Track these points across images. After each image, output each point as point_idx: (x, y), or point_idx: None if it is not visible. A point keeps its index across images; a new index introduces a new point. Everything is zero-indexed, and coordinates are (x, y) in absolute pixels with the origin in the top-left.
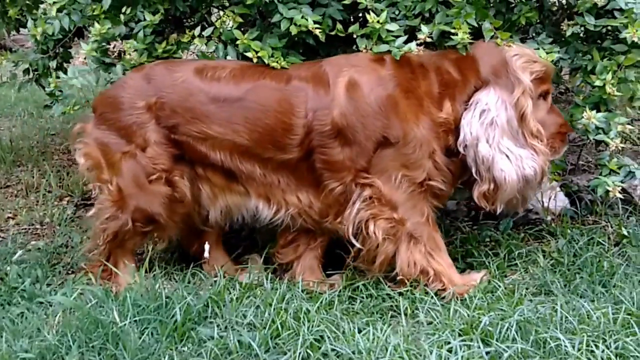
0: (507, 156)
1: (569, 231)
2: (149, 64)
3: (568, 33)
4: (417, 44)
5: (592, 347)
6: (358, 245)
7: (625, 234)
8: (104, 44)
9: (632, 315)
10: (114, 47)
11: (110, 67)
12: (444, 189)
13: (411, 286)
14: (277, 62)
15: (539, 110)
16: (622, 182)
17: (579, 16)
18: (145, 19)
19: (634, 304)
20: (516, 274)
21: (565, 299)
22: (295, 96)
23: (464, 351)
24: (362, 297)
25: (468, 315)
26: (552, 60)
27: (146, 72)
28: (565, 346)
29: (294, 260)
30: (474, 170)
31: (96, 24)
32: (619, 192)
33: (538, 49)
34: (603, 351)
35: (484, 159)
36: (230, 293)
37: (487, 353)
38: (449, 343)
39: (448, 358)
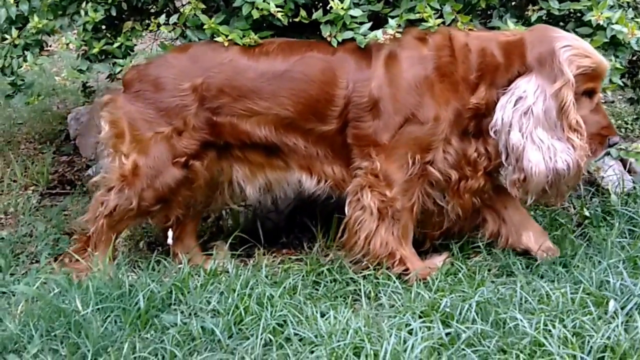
0: (538, 147)
1: (532, 212)
2: (193, 44)
3: (533, 18)
4: (383, 31)
5: (549, 326)
6: (348, 214)
7: (587, 214)
8: (39, 36)
9: (591, 295)
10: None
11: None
12: (446, 175)
13: (374, 270)
14: (248, 41)
15: (581, 107)
16: None
17: (543, 0)
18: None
19: (592, 284)
20: (479, 256)
21: (527, 280)
22: (340, 67)
23: (423, 332)
24: (327, 282)
25: (429, 298)
26: None
27: (191, 53)
28: (524, 326)
29: None
30: (503, 157)
31: (35, 17)
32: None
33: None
34: (560, 330)
35: (514, 148)
36: (195, 280)
37: (447, 334)
38: (410, 325)
39: (407, 340)
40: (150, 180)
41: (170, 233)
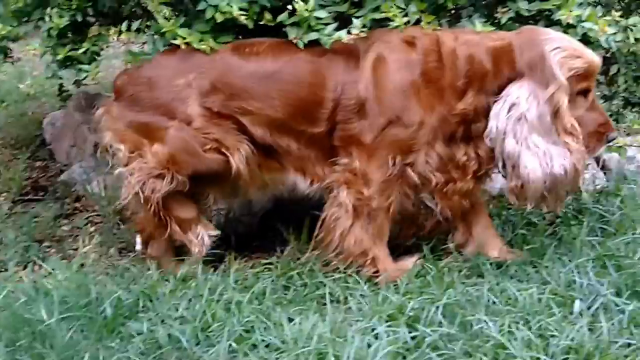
0: (534, 153)
1: (504, 212)
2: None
3: (503, 20)
4: (348, 32)
5: (514, 328)
6: (325, 210)
7: (560, 212)
8: (4, 42)
9: (557, 295)
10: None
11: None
12: (426, 178)
13: (344, 272)
14: (206, 45)
15: (577, 107)
16: None
17: (511, 1)
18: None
19: (560, 284)
20: (449, 257)
21: (496, 281)
22: (328, 69)
23: (389, 336)
24: (297, 286)
25: (397, 301)
26: None
27: (181, 53)
28: (488, 328)
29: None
30: (500, 165)
31: None
32: None
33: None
34: (524, 332)
35: (509, 155)
36: (164, 286)
37: (413, 338)
38: (375, 329)
39: (372, 344)
40: (190, 165)
41: (138, 239)
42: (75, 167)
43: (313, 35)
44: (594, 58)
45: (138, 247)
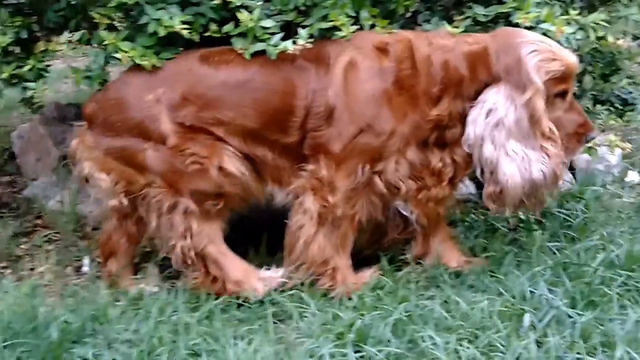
0: (512, 158)
1: (467, 218)
2: None
3: (461, 28)
4: (293, 42)
5: (460, 346)
6: (290, 217)
7: (522, 218)
8: None
9: (509, 308)
10: None
11: None
12: (395, 186)
13: (298, 289)
14: (148, 61)
15: (555, 109)
16: None
17: (468, 8)
18: None
19: (515, 294)
20: (408, 267)
21: (453, 292)
22: (299, 76)
23: (334, 357)
24: (250, 304)
25: (347, 318)
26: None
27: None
28: (435, 346)
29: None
30: (478, 172)
31: None
32: None
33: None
34: (470, 350)
35: (487, 161)
36: (114, 308)
37: (362, 357)
38: (321, 350)
39: None
40: (187, 183)
41: (86, 260)
42: (38, 182)
43: (259, 46)
44: (571, 59)
45: (86, 268)
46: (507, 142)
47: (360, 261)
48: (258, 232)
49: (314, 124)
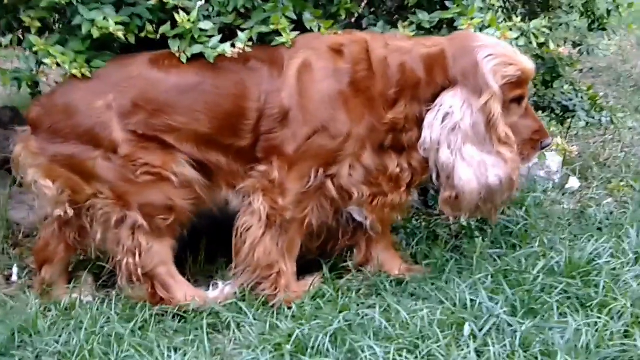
0: (468, 163)
1: (409, 224)
2: None
3: (408, 31)
4: (232, 45)
5: (399, 356)
6: (238, 218)
7: (464, 224)
8: None
9: (450, 317)
10: None
11: None
12: (347, 191)
13: (238, 299)
14: (78, 69)
15: (511, 115)
16: None
17: (412, 14)
18: None
19: (456, 302)
20: (349, 275)
21: (395, 300)
22: (251, 78)
23: None
24: (186, 314)
25: (286, 328)
26: None
27: (97, 71)
28: (372, 356)
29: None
30: (434, 176)
31: None
32: None
33: None
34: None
35: (444, 165)
36: (45, 319)
37: None
38: None
39: None
40: (137, 196)
41: (15, 269)
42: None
43: (197, 48)
44: (528, 65)
45: (15, 278)
46: (463, 146)
47: (301, 267)
48: (197, 238)
49: (267, 126)
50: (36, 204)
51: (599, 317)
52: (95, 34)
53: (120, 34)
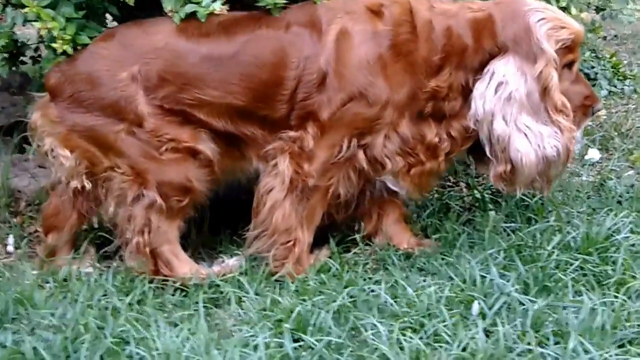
0: (525, 135)
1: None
2: (116, 28)
3: None
4: (222, 3)
5: (404, 336)
6: (260, 179)
7: (478, 197)
8: None
9: (458, 294)
10: None
11: None
12: (380, 162)
13: (241, 274)
14: (65, 39)
15: (562, 81)
16: None
17: None
18: None
19: (466, 279)
20: (356, 249)
21: (403, 275)
22: (293, 44)
23: (269, 348)
24: (187, 288)
25: (288, 304)
26: None
27: (120, 39)
28: (378, 335)
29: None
30: (487, 150)
31: None
32: None
33: None
34: (414, 341)
35: (499, 138)
36: (41, 291)
37: (300, 347)
38: (256, 339)
39: (248, 357)
40: (156, 174)
41: (10, 239)
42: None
43: (190, 7)
44: (578, 27)
45: (10, 248)
46: (519, 116)
47: None
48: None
49: (304, 93)
50: (46, 171)
51: (616, 296)
52: None
53: None
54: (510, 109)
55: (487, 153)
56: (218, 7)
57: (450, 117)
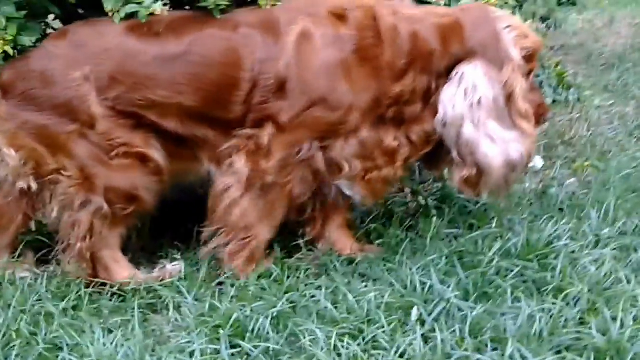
0: (492, 139)
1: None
2: (70, 27)
3: None
4: (164, 4)
5: (342, 342)
6: (216, 179)
7: (422, 202)
8: None
9: (398, 300)
10: None
11: None
12: (337, 165)
13: (179, 279)
14: (5, 39)
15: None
16: None
17: None
18: None
19: (405, 286)
20: (299, 254)
21: (344, 281)
22: (244, 45)
23: (206, 355)
24: (124, 294)
25: (226, 310)
26: None
27: (72, 38)
28: (316, 341)
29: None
30: (454, 153)
31: None
32: None
33: None
34: (352, 347)
35: (467, 142)
36: None
37: (237, 353)
38: (192, 345)
39: None
40: (104, 179)
41: None
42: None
43: (131, 7)
44: (538, 38)
45: None
46: (487, 122)
47: None
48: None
49: (261, 97)
50: None
51: (554, 303)
52: None
53: None
54: (479, 114)
55: (454, 156)
56: (159, 8)
57: (410, 122)
